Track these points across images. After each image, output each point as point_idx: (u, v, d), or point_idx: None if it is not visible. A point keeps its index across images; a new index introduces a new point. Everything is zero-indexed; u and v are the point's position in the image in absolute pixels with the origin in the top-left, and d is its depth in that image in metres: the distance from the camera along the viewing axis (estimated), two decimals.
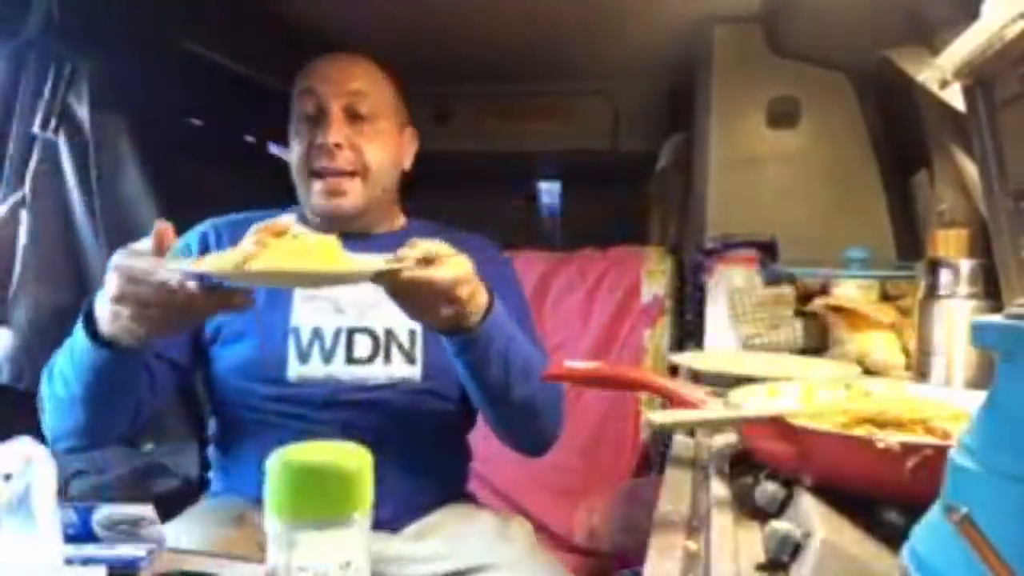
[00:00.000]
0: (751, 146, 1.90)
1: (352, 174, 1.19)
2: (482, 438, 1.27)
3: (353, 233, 1.18)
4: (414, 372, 1.17)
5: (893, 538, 0.57)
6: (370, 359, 1.16)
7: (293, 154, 1.23)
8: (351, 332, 1.16)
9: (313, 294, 1.16)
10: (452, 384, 1.17)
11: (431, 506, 1.19)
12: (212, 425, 1.26)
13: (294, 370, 1.13)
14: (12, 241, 1.51)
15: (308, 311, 1.16)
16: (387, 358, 1.16)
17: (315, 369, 1.14)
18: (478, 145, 2.55)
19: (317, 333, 1.15)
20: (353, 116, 1.20)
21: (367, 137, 1.20)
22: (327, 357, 1.14)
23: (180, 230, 1.07)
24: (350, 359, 1.15)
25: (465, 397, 1.18)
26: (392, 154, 1.25)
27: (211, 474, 1.27)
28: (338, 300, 1.17)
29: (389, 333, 1.17)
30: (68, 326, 1.55)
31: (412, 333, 1.18)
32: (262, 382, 1.13)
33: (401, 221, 1.32)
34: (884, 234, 1.80)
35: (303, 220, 1.23)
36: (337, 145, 1.17)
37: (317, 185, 1.19)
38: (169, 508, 0.99)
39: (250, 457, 1.14)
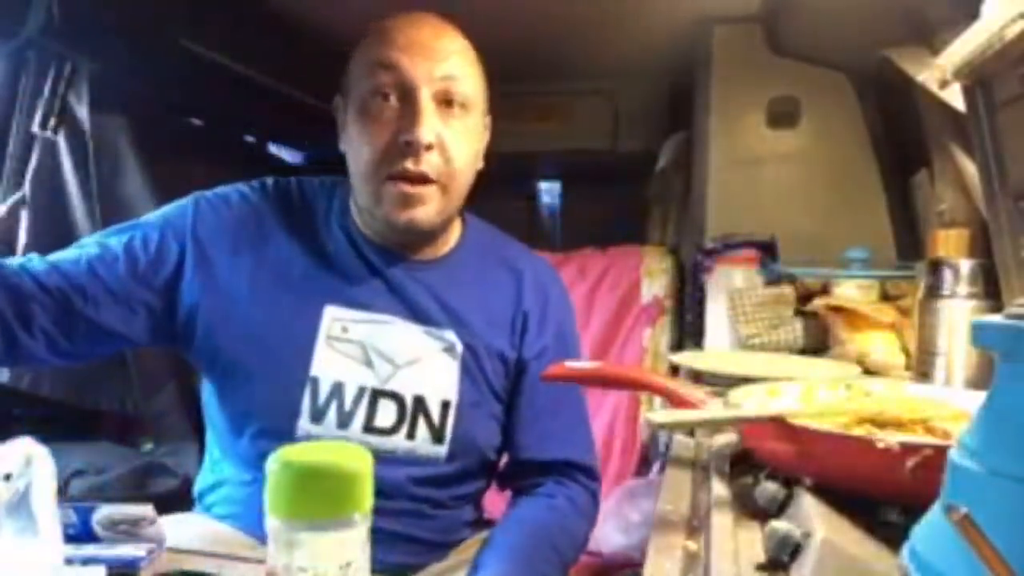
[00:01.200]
0: (751, 146, 1.91)
1: (434, 181, 0.95)
2: None
3: (403, 254, 1.02)
4: (439, 452, 0.99)
5: (893, 538, 0.57)
6: (392, 430, 0.97)
7: (359, 140, 0.96)
8: (375, 395, 0.97)
9: (342, 335, 0.98)
10: (478, 467, 1.04)
11: (442, 555, 1.03)
12: (209, 444, 1.09)
13: (303, 429, 0.95)
14: (12, 240, 1.51)
15: (332, 358, 0.96)
16: (411, 433, 0.98)
17: (327, 431, 0.95)
18: None
19: (337, 389, 0.96)
20: (444, 104, 0.96)
21: (456, 135, 0.96)
22: (343, 421, 0.95)
23: None
24: (368, 427, 0.96)
25: (487, 468, 1.06)
26: (477, 155, 1.03)
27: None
28: (368, 347, 0.98)
29: (419, 402, 0.98)
30: None
31: (445, 406, 0.99)
32: (263, 436, 0.95)
33: (456, 233, 1.09)
34: (884, 234, 1.80)
35: (344, 230, 1.03)
36: (429, 146, 0.93)
37: (392, 190, 0.94)
38: (169, 508, 0.98)
39: (241, 506, 0.99)
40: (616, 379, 1.14)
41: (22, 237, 1.51)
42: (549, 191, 2.92)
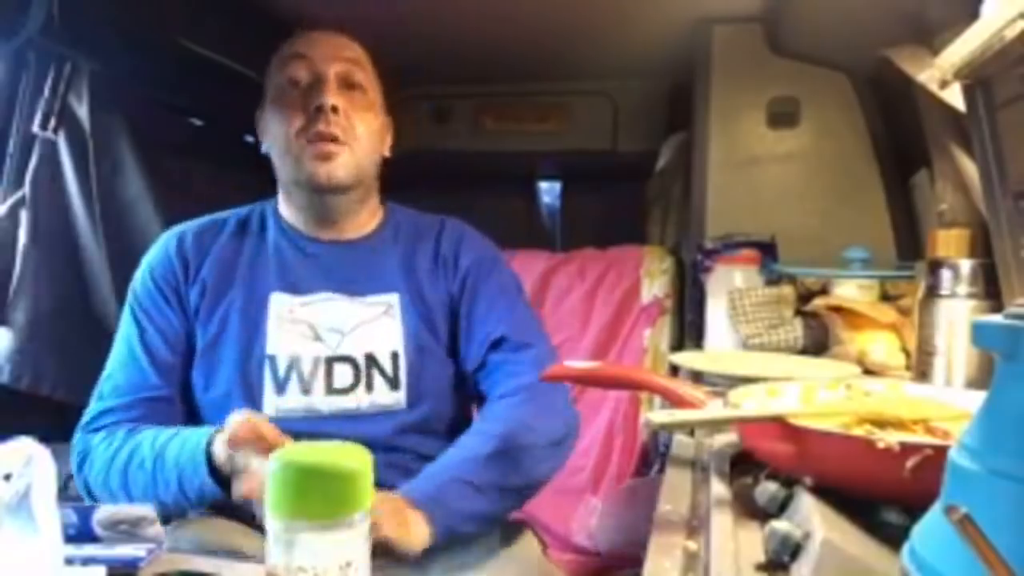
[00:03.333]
0: (751, 146, 1.91)
1: (343, 143, 1.11)
2: None
3: (332, 238, 1.17)
4: (398, 398, 1.10)
5: (893, 538, 0.57)
6: (351, 388, 1.09)
7: (278, 123, 1.13)
8: (330, 361, 1.09)
9: (289, 316, 1.11)
10: (441, 411, 1.14)
11: None
12: None
13: (271, 403, 1.07)
14: (12, 241, 1.51)
15: (285, 338, 1.09)
16: (369, 386, 1.10)
17: (293, 401, 1.07)
18: (477, 145, 2.55)
19: (295, 362, 1.08)
20: (347, 85, 1.13)
21: (359, 107, 1.13)
22: (306, 388, 1.08)
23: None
24: (329, 390, 1.08)
25: (456, 425, 1.14)
26: (379, 131, 1.18)
27: None
28: (316, 325, 1.11)
29: (370, 359, 1.10)
30: (68, 326, 1.56)
31: (395, 356, 1.11)
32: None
33: (378, 217, 1.24)
34: (884, 234, 1.80)
35: (277, 228, 1.19)
36: (334, 108, 1.09)
37: (310, 150, 1.10)
38: None
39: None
40: (616, 379, 1.14)
41: (22, 237, 1.51)
42: (549, 191, 2.92)
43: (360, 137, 1.13)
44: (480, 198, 2.38)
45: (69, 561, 0.62)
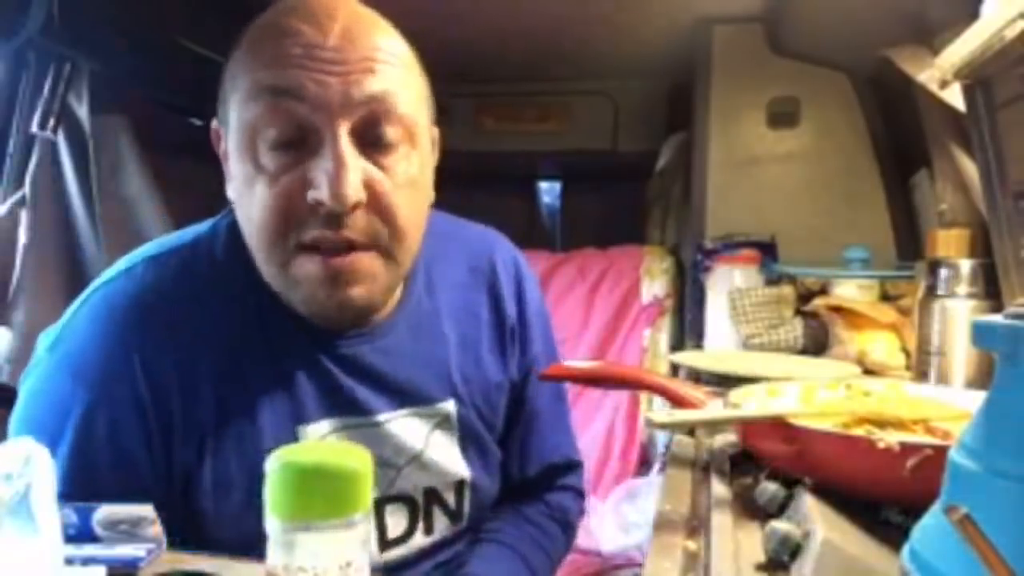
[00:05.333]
0: (751, 146, 1.91)
1: (367, 247, 0.69)
2: None
3: (355, 321, 0.76)
4: (459, 527, 0.87)
5: (893, 538, 0.57)
6: (407, 534, 0.82)
7: (248, 204, 0.69)
8: (380, 504, 0.80)
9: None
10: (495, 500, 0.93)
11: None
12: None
13: None
14: (12, 241, 1.51)
15: None
16: (428, 528, 0.83)
17: None
18: (477, 145, 2.55)
19: None
20: (372, 139, 0.68)
21: (396, 174, 0.69)
22: None
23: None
24: (383, 543, 0.80)
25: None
26: (428, 192, 0.76)
27: None
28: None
29: (430, 494, 0.83)
30: None
31: (460, 485, 0.85)
32: None
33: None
34: (884, 234, 1.80)
35: (274, 317, 0.74)
36: (354, 207, 0.66)
37: (308, 267, 0.68)
38: None
39: None
40: (616, 379, 1.14)
41: (22, 237, 1.51)
42: (549, 191, 2.92)
43: (398, 230, 0.69)
44: (480, 198, 2.38)
45: (69, 561, 0.62)
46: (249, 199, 0.68)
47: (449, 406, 0.84)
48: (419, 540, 0.83)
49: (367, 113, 0.66)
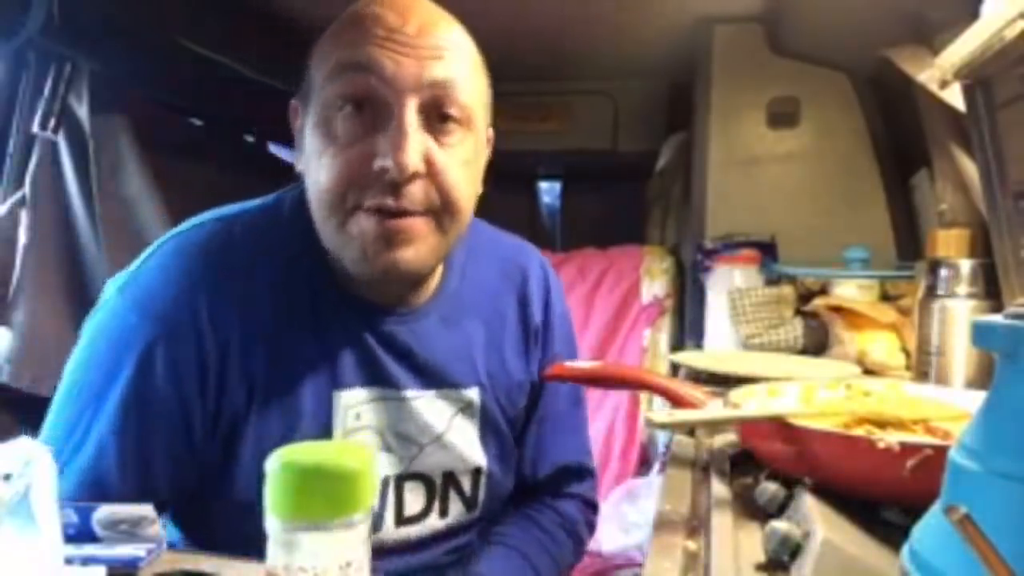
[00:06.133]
0: (751, 146, 1.91)
1: (422, 214, 0.74)
2: None
3: (398, 303, 0.83)
4: (473, 516, 0.90)
5: (893, 538, 0.57)
6: (423, 514, 0.86)
7: (318, 162, 0.74)
8: (401, 481, 0.84)
9: (356, 423, 0.82)
10: (502, 502, 0.96)
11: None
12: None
13: None
14: (12, 241, 1.51)
15: None
16: (444, 511, 0.87)
17: None
18: None
19: None
20: (436, 120, 0.74)
21: (452, 158, 0.75)
22: (375, 524, 0.81)
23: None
24: (400, 519, 0.84)
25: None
26: (478, 173, 0.81)
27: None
28: (385, 431, 0.83)
29: (449, 477, 0.87)
30: (68, 326, 1.56)
31: (477, 472, 0.88)
32: None
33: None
34: (884, 234, 1.80)
35: (323, 283, 0.81)
36: (413, 175, 0.71)
37: (365, 226, 0.73)
38: None
39: None
40: (616, 379, 1.14)
41: (22, 237, 1.51)
42: (549, 191, 2.92)
43: (451, 203, 0.75)
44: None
45: (69, 561, 0.62)
46: (318, 166, 0.74)
47: (473, 394, 0.88)
48: (433, 522, 0.86)
49: (432, 95, 0.73)
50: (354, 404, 0.81)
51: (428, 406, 0.85)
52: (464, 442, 0.87)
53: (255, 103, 1.99)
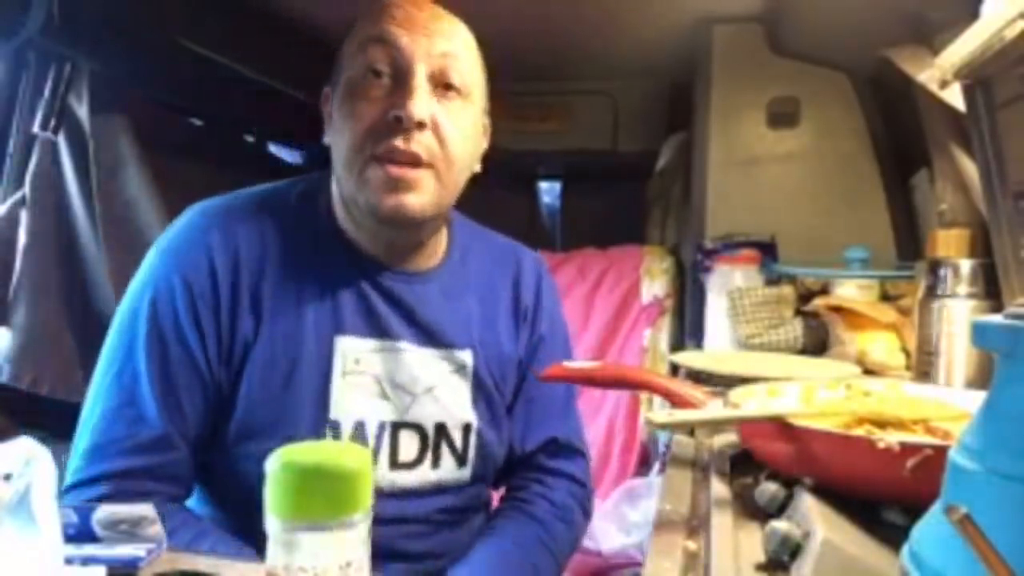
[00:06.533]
0: (751, 146, 1.91)
1: (427, 165, 0.86)
2: None
3: (402, 266, 0.94)
4: (463, 474, 0.96)
5: (893, 538, 0.57)
6: (416, 462, 0.93)
7: (343, 123, 0.87)
8: (396, 428, 0.92)
9: (355, 367, 0.90)
10: (493, 471, 1.02)
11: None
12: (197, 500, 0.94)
13: None
14: (12, 241, 1.51)
15: (349, 397, 0.89)
16: (436, 461, 0.94)
17: None
18: None
19: (359, 429, 0.89)
20: (441, 86, 0.88)
21: (453, 119, 0.88)
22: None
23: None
24: (393, 463, 0.92)
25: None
26: (475, 147, 0.95)
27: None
28: (382, 379, 0.91)
29: (441, 430, 0.94)
30: (68, 326, 1.56)
31: (467, 429, 0.96)
32: None
33: (445, 236, 1.02)
34: (884, 234, 1.80)
35: (338, 244, 0.93)
36: (421, 123, 0.84)
37: (378, 172, 0.85)
38: None
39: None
40: (616, 379, 1.14)
41: (22, 237, 1.51)
42: (549, 191, 2.92)
43: (451, 158, 0.88)
44: (480, 197, 2.38)
45: (69, 561, 0.62)
46: (342, 126, 0.87)
47: (467, 356, 0.97)
48: (426, 471, 0.94)
49: (439, 65, 0.87)
50: (353, 350, 0.90)
51: (423, 361, 0.94)
52: (455, 398, 0.96)
53: (255, 103, 2.00)
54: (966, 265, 1.18)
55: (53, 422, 1.49)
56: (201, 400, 0.86)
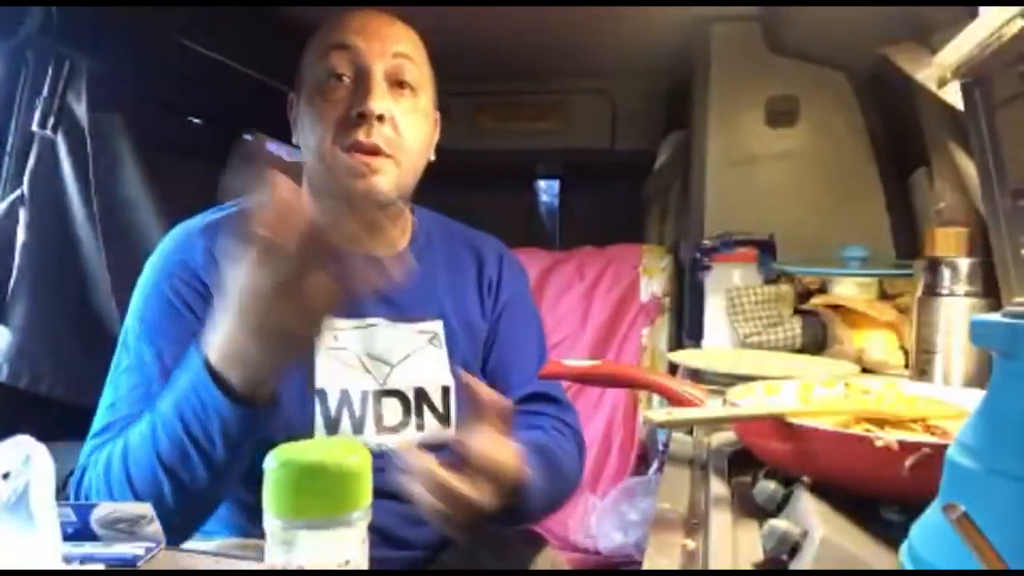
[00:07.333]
0: (749, 145, 1.91)
1: (387, 155, 0.97)
2: None
3: (365, 250, 0.94)
4: (449, 433, 1.02)
5: (892, 536, 0.57)
6: (401, 425, 1.00)
7: (311, 124, 0.98)
8: (379, 395, 1.00)
9: (334, 344, 0.99)
10: None
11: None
12: None
13: None
14: (10, 239, 1.51)
15: (334, 369, 0.98)
16: (420, 424, 1.01)
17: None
18: (477, 144, 2.55)
19: (345, 396, 0.98)
20: (397, 84, 0.99)
21: (407, 113, 0.99)
22: (357, 426, 0.98)
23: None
24: (380, 427, 0.99)
25: None
26: (427, 136, 1.05)
27: None
28: (360, 352, 1.00)
29: (420, 393, 1.02)
30: (66, 325, 1.56)
31: (445, 391, 1.03)
32: None
33: (409, 226, 1.12)
34: (882, 232, 1.81)
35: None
36: (379, 117, 0.95)
37: (347, 160, 0.96)
38: None
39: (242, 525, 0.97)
40: (614, 377, 1.14)
41: (20, 235, 1.51)
42: (547, 190, 2.92)
43: (407, 147, 0.99)
44: (479, 197, 2.38)
45: (67, 559, 0.62)
46: (311, 124, 0.98)
47: (438, 326, 1.06)
48: (411, 434, 1.01)
49: (394, 64, 0.99)
50: (330, 328, 0.99)
51: (397, 335, 1.03)
52: (431, 364, 1.03)
53: (254, 103, 1.99)
54: (964, 263, 1.18)
55: (52, 421, 1.49)
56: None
